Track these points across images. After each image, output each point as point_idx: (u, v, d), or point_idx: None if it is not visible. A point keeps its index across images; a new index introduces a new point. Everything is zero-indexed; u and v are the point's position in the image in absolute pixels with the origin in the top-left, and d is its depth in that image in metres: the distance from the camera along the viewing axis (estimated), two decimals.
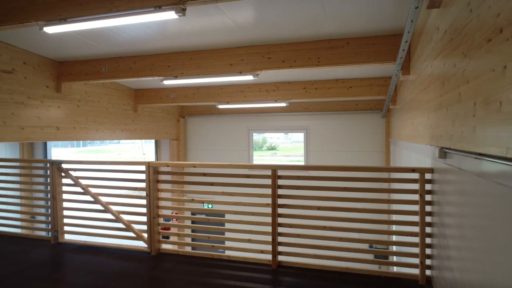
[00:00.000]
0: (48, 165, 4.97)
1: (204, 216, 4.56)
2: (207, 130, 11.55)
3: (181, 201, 4.71)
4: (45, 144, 10.92)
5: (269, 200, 3.98)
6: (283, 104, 8.76)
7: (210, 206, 9.41)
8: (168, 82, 6.39)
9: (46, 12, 3.87)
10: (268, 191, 4.00)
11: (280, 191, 3.97)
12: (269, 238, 4.00)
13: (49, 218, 5.05)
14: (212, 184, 4.32)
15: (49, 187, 5.00)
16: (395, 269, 6.06)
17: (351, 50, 5.31)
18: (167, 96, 8.97)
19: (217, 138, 11.45)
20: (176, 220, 9.98)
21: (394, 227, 6.76)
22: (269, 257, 4.01)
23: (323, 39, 5.42)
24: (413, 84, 4.72)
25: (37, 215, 5.64)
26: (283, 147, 31.04)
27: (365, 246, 7.59)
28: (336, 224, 3.85)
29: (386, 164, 9.72)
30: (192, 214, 10.35)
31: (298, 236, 3.92)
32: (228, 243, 4.41)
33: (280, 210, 3.98)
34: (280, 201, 3.97)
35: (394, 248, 6.67)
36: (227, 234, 4.35)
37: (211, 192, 4.39)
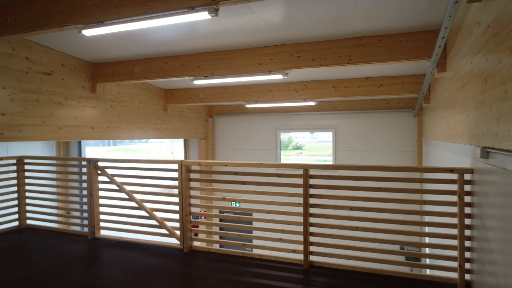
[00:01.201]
0: (84, 163, 5.16)
1: (233, 215, 4.60)
2: (234, 130, 11.62)
3: (213, 199, 4.77)
4: (80, 142, 11.34)
5: (300, 200, 3.97)
6: (312, 103, 8.69)
7: (238, 204, 9.46)
8: (198, 82, 6.48)
9: (84, 15, 4.01)
10: (299, 190, 3.98)
11: (312, 191, 3.94)
12: (300, 237, 3.98)
13: (83, 213, 5.25)
14: (243, 183, 4.34)
15: (83, 184, 5.19)
16: (428, 272, 5.89)
17: (384, 47, 5.19)
18: (196, 96, 9.09)
19: (245, 137, 11.50)
20: (205, 218, 10.10)
21: (427, 229, 6.56)
22: (300, 256, 4.00)
23: (354, 36, 5.33)
24: (450, 81, 4.56)
25: (75, 211, 5.87)
26: (309, 147, 30.77)
27: (396, 247, 7.42)
28: (369, 225, 3.78)
29: (418, 164, 9.44)
30: (220, 212, 10.45)
31: (330, 236, 3.88)
32: (258, 242, 4.42)
33: (312, 210, 3.95)
34: (312, 200, 3.94)
35: (427, 250, 6.47)
36: (258, 233, 4.37)
37: (242, 191, 4.42)
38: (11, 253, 4.64)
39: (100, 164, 5.06)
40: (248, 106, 9.19)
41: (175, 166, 4.58)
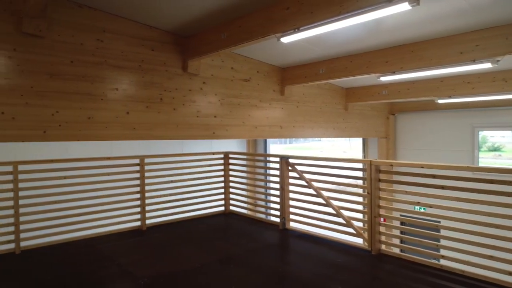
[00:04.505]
0: (277, 159, 5.67)
1: (415, 220, 4.19)
2: (419, 128, 10.62)
3: (404, 202, 4.47)
4: (265, 140, 12.60)
5: None
6: None
7: (423, 209, 8.61)
8: (385, 79, 6.20)
9: (282, 24, 4.38)
10: None
11: None
12: None
13: (267, 203, 5.76)
14: (442, 187, 3.89)
15: (269, 178, 5.70)
16: None
17: None
18: (378, 93, 8.74)
19: (432, 137, 10.35)
20: (384, 220, 9.60)
21: None
22: None
23: None
24: None
25: (261, 201, 6.59)
26: (511, 148, 25.24)
27: None
28: None
29: None
30: (401, 215, 9.74)
31: None
32: (458, 255, 3.87)
33: None
34: None
35: None
36: (457, 245, 3.83)
37: (432, 195, 3.98)
38: (220, 234, 5.54)
39: (290, 160, 5.46)
40: (440, 101, 8.21)
41: (359, 165, 4.50)
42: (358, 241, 4.74)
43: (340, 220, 4.87)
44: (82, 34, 4.85)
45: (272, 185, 6.04)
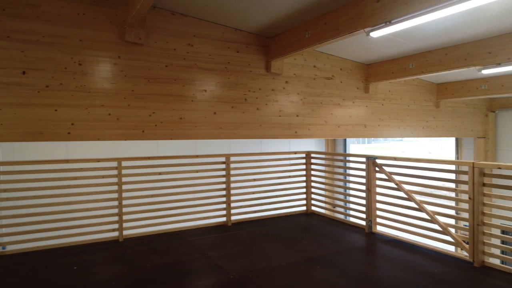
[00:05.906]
0: (363, 159, 5.44)
1: None
2: None
3: None
4: (345, 140, 12.19)
5: None
6: None
7: None
8: (487, 72, 5.57)
9: (372, 18, 4.18)
10: None
11: None
12: None
13: (346, 204, 5.52)
14: None
15: (348, 177, 5.47)
16: None
17: None
18: (476, 88, 7.89)
19: None
20: None
21: None
22: None
23: None
24: None
25: (340, 201, 6.41)
26: None
27: None
28: None
29: None
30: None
31: None
32: None
33: None
34: None
35: None
36: None
37: None
38: (304, 233, 5.49)
39: (378, 161, 5.20)
40: None
41: (451, 167, 4.09)
42: (452, 249, 4.33)
43: (434, 226, 4.49)
44: (175, 40, 5.19)
45: (356, 186, 5.80)
